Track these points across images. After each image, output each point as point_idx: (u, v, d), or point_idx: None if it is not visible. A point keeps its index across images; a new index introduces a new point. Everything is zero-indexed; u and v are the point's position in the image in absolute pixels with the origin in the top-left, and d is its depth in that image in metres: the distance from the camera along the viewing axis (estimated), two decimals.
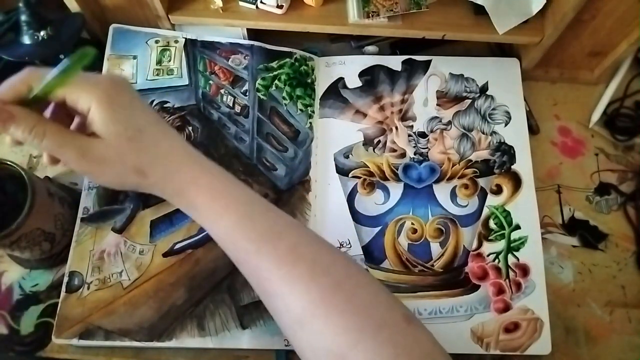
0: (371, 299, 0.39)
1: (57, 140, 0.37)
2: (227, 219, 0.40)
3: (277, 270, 0.39)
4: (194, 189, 0.40)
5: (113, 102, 0.38)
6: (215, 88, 0.62)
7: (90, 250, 0.54)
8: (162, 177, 0.40)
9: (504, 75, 0.65)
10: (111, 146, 0.38)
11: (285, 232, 0.41)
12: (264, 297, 0.41)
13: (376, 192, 0.59)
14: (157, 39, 0.62)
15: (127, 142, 0.39)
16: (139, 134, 0.39)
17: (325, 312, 0.37)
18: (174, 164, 0.40)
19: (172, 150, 0.41)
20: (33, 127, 0.37)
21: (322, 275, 0.39)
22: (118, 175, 0.39)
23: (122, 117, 0.39)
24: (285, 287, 0.39)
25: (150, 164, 0.40)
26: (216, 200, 0.41)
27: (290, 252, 0.40)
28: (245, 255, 0.40)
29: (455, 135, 0.62)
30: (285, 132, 0.61)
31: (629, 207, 0.62)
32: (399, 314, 0.39)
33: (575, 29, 0.59)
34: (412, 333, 0.38)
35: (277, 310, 0.40)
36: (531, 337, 0.53)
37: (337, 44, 0.69)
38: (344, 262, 0.42)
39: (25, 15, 0.53)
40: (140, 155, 0.39)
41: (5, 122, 0.36)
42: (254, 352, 0.53)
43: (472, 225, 0.58)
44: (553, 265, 0.59)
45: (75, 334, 0.51)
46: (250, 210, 0.41)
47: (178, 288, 0.53)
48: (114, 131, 0.38)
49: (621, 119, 0.66)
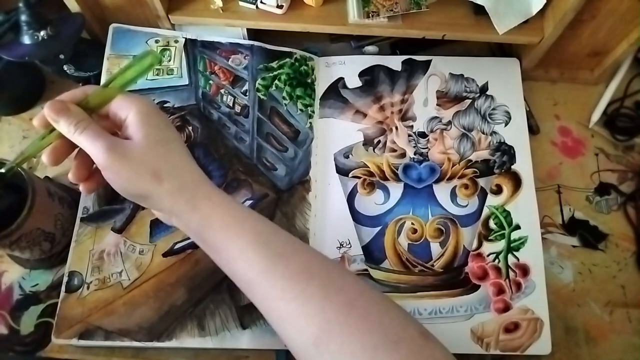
0: (385, 315, 0.39)
1: (93, 134, 0.41)
2: (242, 236, 0.41)
3: (292, 290, 0.39)
4: (209, 204, 0.42)
5: (150, 113, 0.43)
6: (215, 88, 0.62)
7: (90, 250, 0.54)
8: (178, 187, 0.41)
9: (504, 75, 0.65)
10: (138, 146, 0.41)
11: (296, 251, 0.41)
12: (277, 321, 0.40)
13: (376, 192, 0.59)
14: (157, 38, 0.62)
15: (153, 145, 0.42)
16: (166, 143, 0.43)
17: (341, 331, 0.37)
18: (190, 179, 0.43)
19: (190, 167, 0.43)
20: (79, 121, 0.41)
21: (335, 293, 0.39)
22: (135, 173, 0.41)
23: (155, 124, 0.43)
24: (300, 307, 0.38)
25: (169, 172, 0.42)
26: (231, 216, 0.42)
27: (303, 270, 0.40)
28: (258, 275, 0.40)
29: (455, 135, 0.62)
30: (285, 132, 0.61)
31: (629, 207, 0.62)
32: (415, 330, 0.38)
33: (575, 29, 0.59)
34: (430, 349, 0.38)
35: (291, 335, 0.40)
36: (531, 337, 0.53)
37: (337, 44, 0.69)
38: (354, 280, 0.42)
39: (25, 15, 0.53)
40: (161, 161, 0.42)
41: (59, 112, 0.41)
42: (254, 352, 0.53)
43: (472, 225, 0.58)
44: (553, 265, 0.59)
45: (75, 334, 0.51)
46: (262, 229, 0.42)
47: (178, 288, 0.53)
48: (145, 133, 0.42)
49: (621, 119, 0.66)
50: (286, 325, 0.40)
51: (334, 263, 0.43)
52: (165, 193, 0.41)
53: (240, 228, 0.41)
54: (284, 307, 0.39)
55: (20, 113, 0.64)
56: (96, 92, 0.43)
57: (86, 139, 0.40)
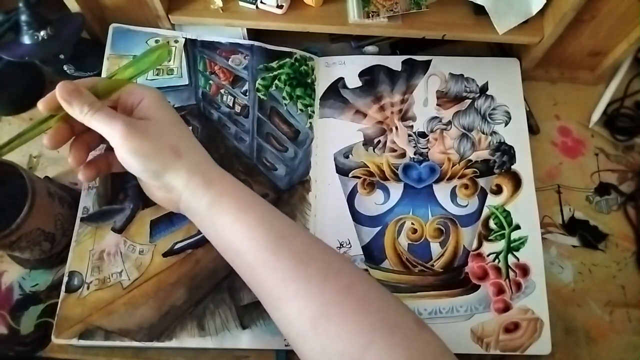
0: (382, 302, 0.40)
1: (109, 114, 0.42)
2: (250, 216, 0.42)
3: (294, 270, 0.39)
4: (222, 183, 0.43)
5: (163, 99, 0.46)
6: (215, 88, 0.62)
7: (90, 250, 0.54)
8: (194, 163, 0.43)
9: (504, 75, 0.65)
10: (156, 124, 0.43)
11: (298, 234, 0.43)
12: (277, 304, 0.41)
13: (376, 192, 0.59)
14: (157, 38, 0.62)
15: (170, 124, 0.44)
16: (180, 124, 0.46)
17: (339, 313, 0.38)
18: (205, 157, 0.45)
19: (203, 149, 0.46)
20: (92, 102, 0.42)
21: (334, 276, 0.40)
22: (155, 148, 0.42)
23: (169, 107, 0.46)
24: (301, 287, 0.39)
25: (186, 148, 0.44)
26: (240, 197, 0.43)
27: (305, 252, 0.41)
28: (263, 253, 0.41)
29: (455, 135, 0.62)
30: (285, 132, 0.61)
31: (629, 207, 0.62)
32: (410, 318, 0.39)
33: (575, 29, 0.59)
34: (424, 337, 0.38)
35: (289, 318, 0.40)
36: (531, 337, 0.53)
37: (337, 44, 0.69)
38: (352, 265, 0.43)
39: (25, 15, 0.53)
40: (179, 138, 0.44)
41: (71, 93, 0.41)
42: (254, 352, 0.53)
43: (472, 225, 0.58)
44: (553, 265, 0.59)
45: (75, 334, 0.51)
46: (267, 211, 0.43)
47: (178, 288, 0.53)
48: (162, 114, 0.44)
49: (621, 119, 0.66)
50: (285, 308, 0.40)
51: (334, 249, 0.44)
52: (183, 167, 0.42)
53: (248, 208, 0.42)
54: (284, 288, 0.40)
55: (20, 113, 0.63)
56: (105, 81, 0.44)
57: (101, 119, 0.41)
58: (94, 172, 0.47)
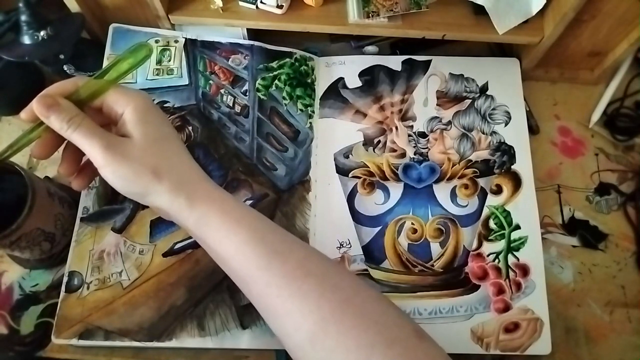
0: (381, 314, 0.39)
1: (88, 131, 0.40)
2: (239, 233, 0.41)
3: (288, 287, 0.39)
4: (207, 202, 0.41)
5: (147, 109, 0.42)
6: (215, 88, 0.62)
7: (90, 250, 0.54)
8: (177, 184, 0.41)
9: (504, 75, 0.65)
10: (136, 145, 0.41)
11: (293, 248, 0.42)
12: (273, 318, 0.41)
13: (376, 192, 0.59)
14: (157, 38, 0.62)
15: (152, 143, 0.41)
16: (164, 140, 0.43)
17: (337, 329, 0.37)
18: (188, 176, 0.43)
19: (189, 164, 0.44)
20: (72, 117, 0.39)
21: (331, 291, 0.39)
22: (135, 172, 0.40)
23: (153, 121, 0.42)
24: (296, 304, 0.38)
25: (168, 169, 0.41)
26: (228, 214, 0.41)
27: (300, 267, 0.40)
28: (254, 272, 0.40)
29: (455, 135, 0.62)
30: (285, 132, 0.61)
31: (629, 207, 0.62)
32: (410, 329, 0.39)
33: (575, 29, 0.59)
34: (424, 349, 0.38)
35: (286, 331, 0.40)
36: (531, 337, 0.53)
37: (337, 44, 0.69)
38: (351, 278, 0.42)
39: (25, 15, 0.53)
40: (160, 159, 0.41)
41: (49, 108, 0.39)
42: (254, 352, 0.53)
43: (472, 225, 0.58)
44: (553, 265, 0.59)
45: (75, 334, 0.51)
46: (260, 226, 0.42)
47: (178, 288, 0.53)
48: (143, 131, 0.41)
49: (621, 119, 0.66)
50: (282, 323, 0.40)
51: (331, 261, 0.43)
52: (165, 191, 0.41)
53: (237, 225, 0.41)
54: (280, 304, 0.39)
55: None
56: (88, 83, 0.42)
57: (81, 136, 0.40)
58: (87, 179, 0.46)
